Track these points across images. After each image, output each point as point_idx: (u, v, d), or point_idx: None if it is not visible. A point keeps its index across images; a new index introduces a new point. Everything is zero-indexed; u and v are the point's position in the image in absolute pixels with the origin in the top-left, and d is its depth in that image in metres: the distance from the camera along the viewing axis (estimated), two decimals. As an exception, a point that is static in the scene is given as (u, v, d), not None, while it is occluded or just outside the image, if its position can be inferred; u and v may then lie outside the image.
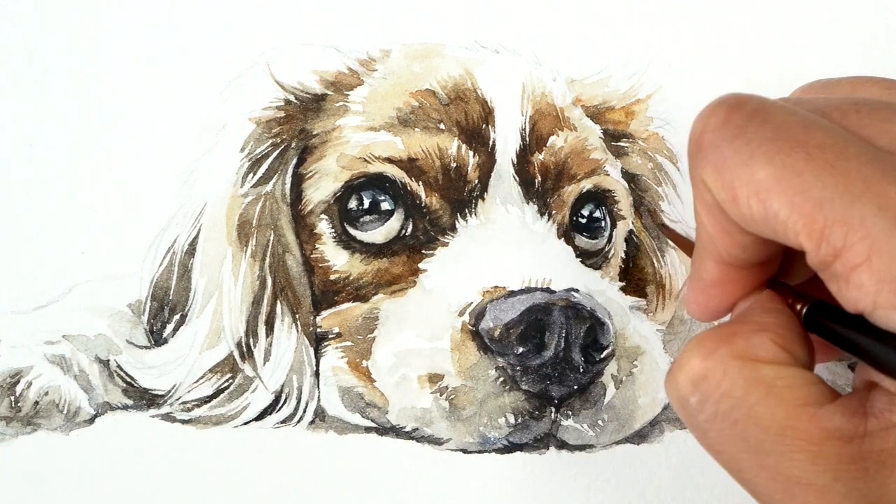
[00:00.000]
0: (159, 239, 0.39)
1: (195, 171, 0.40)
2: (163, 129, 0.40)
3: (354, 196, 0.39)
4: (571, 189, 0.40)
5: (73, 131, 0.40)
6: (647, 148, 0.42)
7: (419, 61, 0.41)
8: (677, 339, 0.41)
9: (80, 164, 0.40)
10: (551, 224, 0.40)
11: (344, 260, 0.39)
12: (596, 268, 0.41)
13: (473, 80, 0.41)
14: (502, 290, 0.38)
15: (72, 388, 0.38)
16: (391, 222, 0.39)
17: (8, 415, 0.38)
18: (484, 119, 0.40)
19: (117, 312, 0.39)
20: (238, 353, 0.38)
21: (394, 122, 0.40)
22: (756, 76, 0.43)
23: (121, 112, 0.40)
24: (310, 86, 0.40)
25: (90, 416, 0.38)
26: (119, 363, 0.38)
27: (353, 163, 0.39)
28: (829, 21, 0.44)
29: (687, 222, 0.42)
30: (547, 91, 0.41)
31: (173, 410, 0.38)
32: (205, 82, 0.40)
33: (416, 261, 0.39)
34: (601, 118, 0.42)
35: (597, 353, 0.38)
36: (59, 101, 0.40)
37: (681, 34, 0.43)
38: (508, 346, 0.37)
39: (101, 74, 0.40)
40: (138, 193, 0.40)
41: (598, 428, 0.39)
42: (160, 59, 0.41)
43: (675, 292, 0.41)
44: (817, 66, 0.43)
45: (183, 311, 0.39)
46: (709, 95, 0.43)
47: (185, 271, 0.39)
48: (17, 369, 0.38)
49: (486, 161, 0.40)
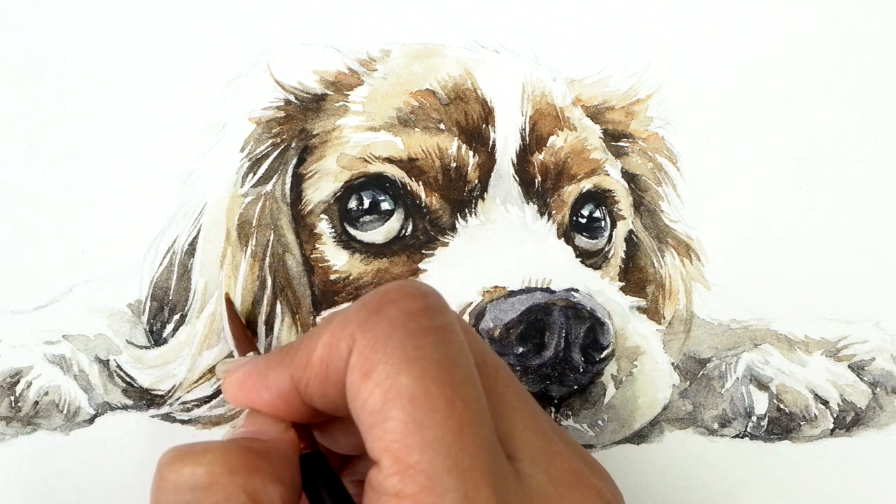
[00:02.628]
0: (159, 239, 0.39)
1: (195, 171, 0.40)
2: (163, 129, 0.40)
3: (354, 196, 0.39)
4: (571, 189, 0.40)
5: (73, 131, 0.40)
6: (647, 148, 0.42)
7: (419, 61, 0.41)
8: (677, 338, 0.41)
9: (80, 164, 0.40)
10: (551, 224, 0.40)
11: (344, 260, 0.39)
12: (596, 268, 0.40)
13: (473, 80, 0.41)
14: (502, 290, 0.38)
15: (72, 388, 0.38)
16: (391, 222, 0.39)
17: (8, 415, 0.38)
18: (484, 119, 0.40)
19: (117, 312, 0.39)
20: (237, 354, 0.38)
21: (394, 122, 0.40)
22: (756, 76, 0.43)
23: (121, 112, 0.40)
24: (310, 86, 0.40)
25: (90, 416, 0.38)
26: (119, 363, 0.38)
27: (353, 163, 0.39)
28: (829, 21, 0.44)
29: (687, 222, 0.42)
30: (547, 91, 0.41)
31: (173, 410, 0.38)
32: (205, 82, 0.40)
33: (416, 261, 0.39)
34: (601, 118, 0.42)
35: (597, 353, 0.38)
36: (59, 101, 0.40)
37: (681, 34, 0.43)
38: (508, 346, 0.37)
39: (101, 74, 0.40)
40: (138, 193, 0.40)
41: (598, 428, 0.39)
42: (160, 59, 0.41)
43: (674, 292, 0.41)
44: (817, 66, 0.43)
45: (183, 311, 0.39)
46: (709, 95, 0.43)
47: (185, 271, 0.39)
48: (17, 369, 0.38)
49: (486, 161, 0.40)
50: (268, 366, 0.30)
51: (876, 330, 0.42)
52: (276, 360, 0.30)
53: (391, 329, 0.27)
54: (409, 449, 0.25)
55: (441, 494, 0.25)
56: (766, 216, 0.42)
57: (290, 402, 0.30)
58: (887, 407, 0.41)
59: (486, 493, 0.25)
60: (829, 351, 0.41)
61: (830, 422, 0.40)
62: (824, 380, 0.41)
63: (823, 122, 0.43)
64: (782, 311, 0.41)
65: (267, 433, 0.30)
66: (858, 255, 0.42)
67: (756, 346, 0.41)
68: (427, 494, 0.25)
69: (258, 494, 0.27)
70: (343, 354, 0.27)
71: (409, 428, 0.26)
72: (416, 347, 0.26)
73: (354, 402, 0.27)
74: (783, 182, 0.42)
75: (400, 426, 0.26)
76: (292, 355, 0.29)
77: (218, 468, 0.27)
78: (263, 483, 0.27)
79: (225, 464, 0.27)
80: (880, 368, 0.41)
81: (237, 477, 0.27)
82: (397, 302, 0.28)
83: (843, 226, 0.42)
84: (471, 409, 0.26)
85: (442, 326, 0.28)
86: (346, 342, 0.27)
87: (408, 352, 0.26)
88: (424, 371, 0.26)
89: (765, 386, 0.40)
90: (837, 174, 0.43)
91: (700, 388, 0.40)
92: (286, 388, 0.30)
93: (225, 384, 0.32)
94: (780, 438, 0.40)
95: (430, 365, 0.26)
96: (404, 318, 0.27)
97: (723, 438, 0.40)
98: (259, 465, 0.27)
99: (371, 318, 0.27)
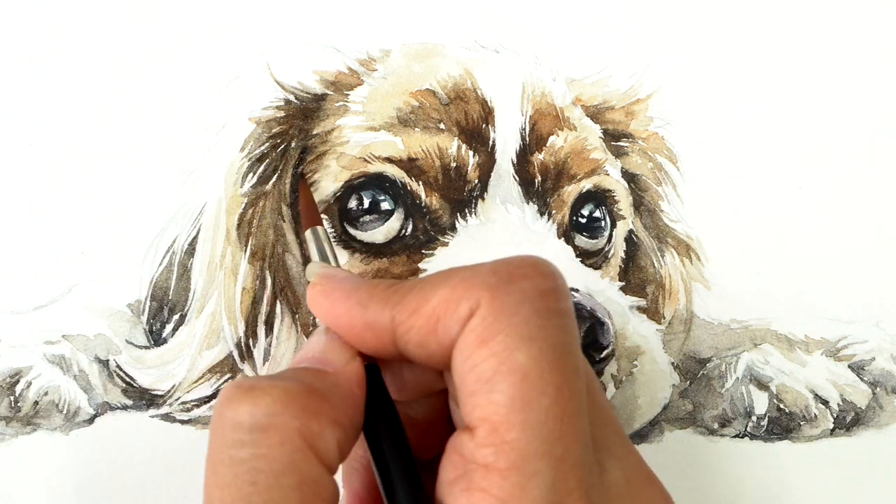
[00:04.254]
0: (159, 239, 0.39)
1: (195, 171, 0.40)
2: (162, 129, 0.40)
3: (354, 196, 0.39)
4: (571, 189, 0.40)
5: (73, 131, 0.40)
6: (647, 148, 0.42)
7: (419, 61, 0.41)
8: (677, 338, 0.41)
9: (80, 164, 0.40)
10: (551, 224, 0.40)
11: (344, 260, 0.39)
12: (596, 268, 0.40)
13: (473, 80, 0.41)
14: (502, 290, 0.38)
15: (71, 387, 0.38)
16: (391, 222, 0.39)
17: (8, 415, 0.38)
18: (484, 119, 0.40)
19: (117, 312, 0.39)
20: (237, 353, 0.38)
21: (394, 121, 0.40)
22: (756, 76, 0.43)
23: (121, 112, 0.40)
24: (310, 86, 0.40)
25: (90, 416, 0.38)
26: (118, 363, 0.38)
27: (353, 163, 0.39)
28: (829, 21, 0.44)
29: (687, 222, 0.42)
30: (547, 91, 0.41)
31: (173, 410, 0.38)
32: (205, 82, 0.40)
33: (416, 261, 0.39)
34: (601, 118, 0.42)
35: (596, 352, 0.38)
36: (59, 101, 0.40)
37: (681, 34, 0.43)
38: (508, 345, 0.37)
39: (101, 74, 0.40)
40: (138, 193, 0.40)
41: (598, 428, 0.39)
42: (160, 58, 0.41)
43: (674, 292, 0.41)
44: (817, 66, 0.43)
45: (182, 311, 0.39)
46: (709, 95, 0.43)
47: (185, 271, 0.39)
48: (17, 369, 0.38)
49: (485, 161, 0.40)
50: (371, 296, 0.29)
51: (876, 330, 0.42)
52: (380, 294, 0.29)
53: (520, 303, 0.27)
54: (509, 425, 0.25)
55: (529, 476, 0.25)
56: (766, 216, 0.42)
57: (381, 339, 0.29)
58: (887, 407, 0.41)
59: (573, 485, 0.26)
60: (829, 351, 0.41)
61: (830, 422, 0.40)
62: (824, 380, 0.41)
63: (823, 122, 0.43)
64: (782, 311, 0.41)
65: (332, 362, 0.29)
66: (858, 255, 0.42)
67: (756, 346, 0.41)
68: (516, 473, 0.25)
69: (315, 440, 0.26)
70: (462, 315, 0.27)
71: (515, 404, 0.25)
72: (540, 327, 0.26)
73: (463, 364, 0.27)
74: (783, 182, 0.42)
75: (506, 400, 0.26)
76: (401, 296, 0.29)
77: (278, 409, 0.26)
78: (321, 427, 0.27)
79: (285, 405, 0.26)
80: (880, 368, 0.41)
81: (295, 421, 0.26)
82: (531, 277, 0.27)
83: (843, 226, 0.42)
84: (574, 400, 0.26)
85: (565, 311, 0.27)
86: (469, 304, 0.27)
87: (531, 329, 0.26)
88: (542, 353, 0.26)
89: (765, 386, 0.40)
90: (837, 174, 0.43)
91: (700, 388, 0.40)
92: (383, 327, 0.29)
93: (314, 292, 0.31)
94: (780, 438, 0.40)
95: (548, 348, 0.26)
96: (535, 295, 0.27)
97: (723, 438, 0.40)
98: (319, 408, 0.27)
99: (503, 286, 0.27)
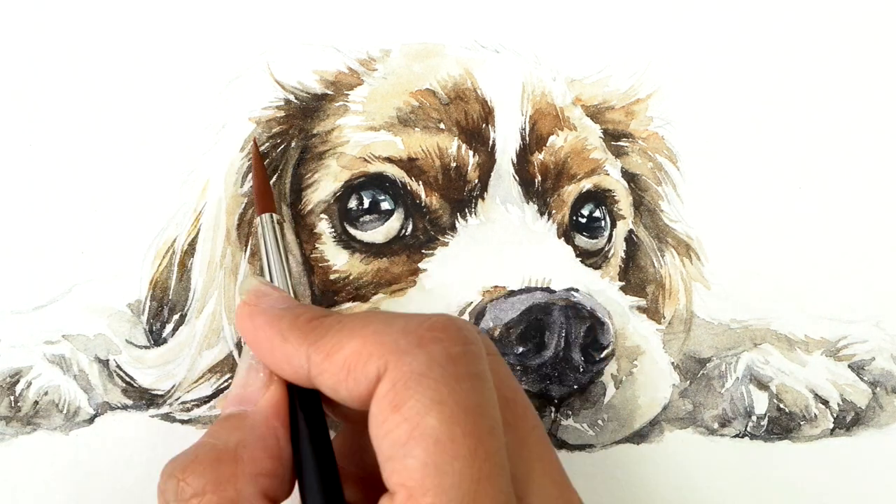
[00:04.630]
0: (159, 239, 0.39)
1: (195, 171, 0.40)
2: (162, 129, 0.40)
3: (354, 196, 0.39)
4: (571, 189, 0.40)
5: (73, 131, 0.40)
6: (647, 148, 0.42)
7: (419, 61, 0.41)
8: (677, 338, 0.41)
9: (80, 164, 0.40)
10: (551, 224, 0.40)
11: (344, 260, 0.39)
12: (596, 267, 0.40)
13: (473, 80, 0.41)
14: (502, 290, 0.38)
15: (71, 387, 0.38)
16: (391, 222, 0.39)
17: (8, 415, 0.37)
18: (484, 119, 0.40)
19: (117, 312, 0.39)
20: (237, 353, 0.38)
21: (394, 121, 0.40)
22: (756, 76, 0.43)
23: (121, 112, 0.40)
24: (310, 85, 0.40)
25: (90, 416, 0.38)
26: (118, 363, 0.38)
27: (353, 162, 0.39)
28: (829, 21, 0.44)
29: (687, 222, 0.42)
30: (547, 91, 0.41)
31: (173, 410, 0.38)
32: (205, 82, 0.40)
33: (416, 260, 0.39)
34: (601, 118, 0.42)
35: (596, 352, 0.38)
36: (59, 101, 0.40)
37: (681, 34, 0.43)
38: (508, 345, 0.37)
39: (101, 74, 0.40)
40: (138, 193, 0.40)
41: (598, 428, 0.39)
42: (160, 59, 0.41)
43: (674, 292, 0.41)
44: (817, 66, 0.43)
45: (182, 311, 0.39)
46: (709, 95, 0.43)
47: (185, 271, 0.39)
48: (17, 369, 0.38)
49: (485, 161, 0.40)
50: (292, 328, 0.30)
51: (876, 330, 0.42)
52: (301, 328, 0.30)
53: (429, 367, 0.27)
54: (423, 490, 0.26)
55: None
56: (766, 216, 0.42)
57: (297, 373, 0.30)
58: (887, 407, 0.41)
59: None
60: (829, 351, 0.41)
61: (830, 421, 0.40)
62: (824, 379, 0.41)
63: (823, 121, 0.43)
64: (782, 311, 0.41)
65: (251, 396, 0.31)
66: (858, 255, 0.42)
67: (756, 346, 0.41)
68: None
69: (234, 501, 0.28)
70: (370, 375, 0.27)
71: (429, 470, 0.26)
72: (451, 391, 0.27)
73: (378, 430, 0.27)
74: (783, 182, 0.42)
75: (420, 466, 0.26)
76: (318, 335, 0.29)
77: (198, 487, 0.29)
78: (238, 489, 0.29)
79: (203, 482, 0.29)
80: (880, 368, 0.41)
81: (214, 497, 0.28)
82: (441, 342, 0.28)
83: (843, 226, 0.42)
84: (491, 462, 0.26)
85: (477, 374, 0.28)
86: (377, 365, 0.27)
87: (441, 394, 0.26)
88: (454, 417, 0.26)
89: (765, 385, 0.40)
90: (837, 174, 0.43)
91: (700, 388, 0.40)
92: (300, 363, 0.29)
93: (242, 312, 0.32)
94: (780, 438, 0.40)
95: (460, 411, 0.26)
96: (444, 360, 0.27)
97: (723, 438, 0.40)
98: (231, 472, 0.29)
99: (412, 350, 0.27)
